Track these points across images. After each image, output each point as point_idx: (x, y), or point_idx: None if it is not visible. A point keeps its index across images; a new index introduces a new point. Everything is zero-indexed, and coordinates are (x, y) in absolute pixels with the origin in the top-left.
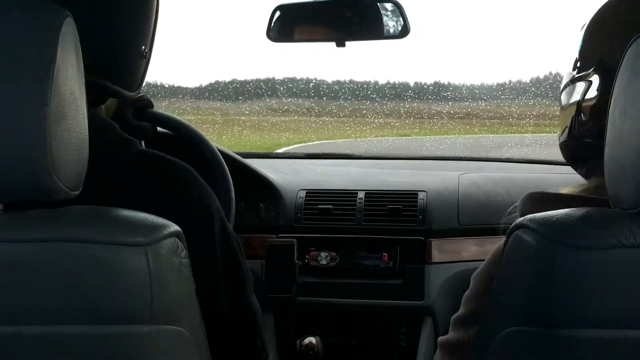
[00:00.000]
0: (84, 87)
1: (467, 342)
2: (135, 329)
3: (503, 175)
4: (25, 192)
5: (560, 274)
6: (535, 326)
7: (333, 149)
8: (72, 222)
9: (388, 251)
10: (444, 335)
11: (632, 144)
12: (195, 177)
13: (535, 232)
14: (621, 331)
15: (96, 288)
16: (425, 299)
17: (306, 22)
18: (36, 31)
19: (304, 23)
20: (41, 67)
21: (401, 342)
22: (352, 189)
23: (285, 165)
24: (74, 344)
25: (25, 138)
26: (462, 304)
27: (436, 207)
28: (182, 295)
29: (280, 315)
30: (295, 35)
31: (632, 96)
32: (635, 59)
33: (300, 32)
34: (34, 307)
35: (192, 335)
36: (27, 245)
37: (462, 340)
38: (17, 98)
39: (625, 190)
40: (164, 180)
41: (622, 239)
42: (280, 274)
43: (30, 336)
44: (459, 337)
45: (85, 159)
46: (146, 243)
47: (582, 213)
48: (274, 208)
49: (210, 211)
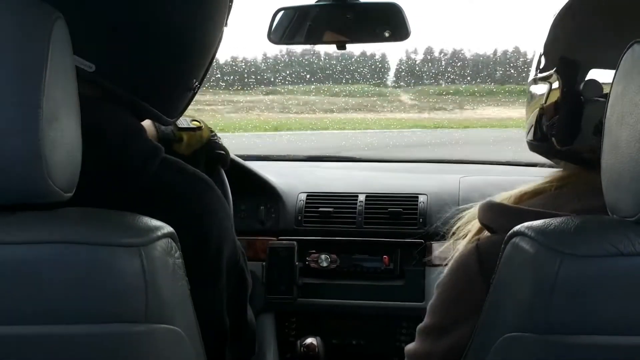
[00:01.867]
0: (76, 89)
1: (438, 355)
2: (130, 328)
3: (503, 179)
4: (19, 194)
5: (559, 282)
6: (533, 332)
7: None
8: (66, 223)
9: (388, 253)
10: (411, 344)
11: (630, 152)
12: (212, 188)
13: (533, 240)
14: (620, 338)
15: (90, 289)
16: (425, 301)
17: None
18: (27, 33)
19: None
20: (33, 69)
21: (401, 344)
22: (353, 192)
23: (285, 168)
24: (68, 343)
25: (18, 140)
26: (428, 314)
27: (436, 210)
28: (176, 295)
29: (281, 317)
30: (296, 38)
31: (629, 103)
32: (632, 66)
33: (301, 34)
34: (28, 308)
35: (186, 334)
36: (21, 247)
37: (431, 353)
38: (9, 100)
39: (623, 198)
40: (183, 191)
41: (620, 247)
42: (281, 275)
43: (25, 336)
44: (427, 349)
45: (79, 160)
46: (140, 244)
47: (580, 221)
48: (275, 211)
49: (225, 225)
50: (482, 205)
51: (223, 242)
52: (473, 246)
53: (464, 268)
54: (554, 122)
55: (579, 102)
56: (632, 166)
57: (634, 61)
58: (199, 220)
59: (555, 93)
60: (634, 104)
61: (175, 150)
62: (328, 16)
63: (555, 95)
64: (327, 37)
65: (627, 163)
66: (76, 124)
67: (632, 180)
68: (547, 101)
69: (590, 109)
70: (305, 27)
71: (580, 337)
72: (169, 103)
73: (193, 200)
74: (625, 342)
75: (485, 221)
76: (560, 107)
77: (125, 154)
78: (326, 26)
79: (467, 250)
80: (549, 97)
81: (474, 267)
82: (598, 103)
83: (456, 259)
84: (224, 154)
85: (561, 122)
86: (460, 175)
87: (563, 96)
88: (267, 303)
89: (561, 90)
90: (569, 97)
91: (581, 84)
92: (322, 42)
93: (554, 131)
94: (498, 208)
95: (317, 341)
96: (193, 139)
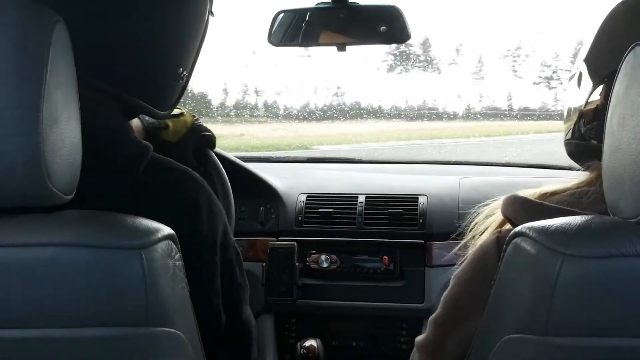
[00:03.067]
0: (76, 92)
1: (448, 346)
2: (131, 332)
3: (504, 180)
4: (19, 197)
5: (560, 283)
6: (534, 334)
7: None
8: (66, 226)
9: (388, 254)
10: (421, 335)
11: (631, 154)
12: (203, 186)
13: (534, 240)
14: (621, 339)
15: (91, 291)
16: (425, 302)
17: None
18: (28, 36)
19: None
20: (33, 72)
21: (401, 345)
22: (353, 193)
23: (285, 169)
24: (69, 346)
25: (19, 143)
26: (441, 305)
27: (436, 211)
28: (176, 297)
29: (281, 318)
30: (296, 40)
31: (631, 105)
32: (633, 67)
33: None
34: (28, 311)
35: (187, 337)
36: (21, 250)
37: (442, 344)
38: (10, 103)
39: (624, 199)
40: (173, 190)
41: (621, 248)
42: (281, 276)
43: (25, 339)
44: (438, 339)
45: (79, 163)
46: (140, 246)
47: (581, 222)
48: (275, 211)
49: (215, 224)
50: (507, 199)
51: (216, 239)
52: (494, 238)
53: (484, 260)
54: (593, 126)
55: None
56: (633, 168)
57: (636, 63)
58: (189, 218)
59: (595, 100)
60: (635, 106)
61: (163, 137)
62: (328, 18)
63: (595, 95)
64: (327, 39)
65: (628, 164)
66: (76, 127)
67: (633, 181)
68: (587, 106)
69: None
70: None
71: (581, 339)
72: (157, 95)
73: (183, 198)
74: (626, 343)
75: (508, 214)
76: (601, 114)
77: (113, 154)
78: (326, 28)
79: (488, 242)
80: (588, 103)
81: (493, 259)
82: None
83: (476, 251)
84: (210, 135)
85: (600, 126)
86: (460, 177)
87: (603, 104)
88: (267, 304)
89: (603, 97)
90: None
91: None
92: (322, 44)
93: (592, 134)
94: (521, 202)
95: (317, 343)
96: (178, 124)
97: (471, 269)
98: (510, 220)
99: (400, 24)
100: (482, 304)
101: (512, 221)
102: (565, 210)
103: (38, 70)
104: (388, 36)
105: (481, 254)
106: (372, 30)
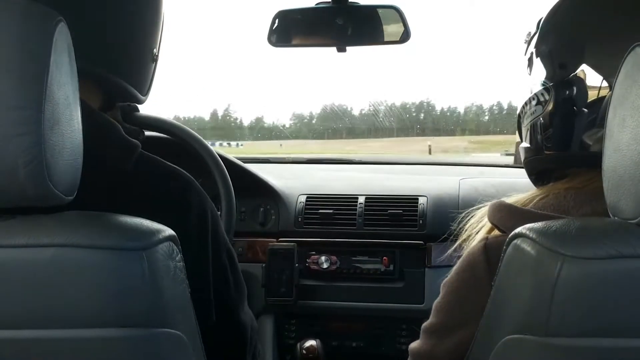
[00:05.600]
0: (77, 92)
1: (441, 354)
2: (132, 332)
3: (503, 181)
4: (20, 198)
5: (560, 284)
6: (534, 334)
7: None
8: (68, 227)
9: (388, 255)
10: (415, 342)
11: (631, 155)
12: (192, 185)
13: (534, 242)
14: (621, 340)
15: (92, 292)
16: (425, 303)
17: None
18: (29, 37)
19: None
20: (35, 73)
21: (401, 346)
22: (353, 194)
23: (285, 170)
24: (70, 348)
25: (20, 144)
26: (432, 313)
27: (436, 212)
28: (177, 298)
29: (281, 319)
30: (296, 40)
31: (631, 106)
32: (633, 69)
33: (301, 37)
34: (29, 312)
35: (188, 338)
36: (22, 251)
37: (435, 352)
38: (11, 104)
39: (624, 200)
40: (162, 188)
41: (621, 249)
42: (281, 277)
43: (26, 340)
44: (431, 348)
45: (80, 164)
46: (141, 247)
47: (581, 223)
48: (275, 212)
49: (206, 224)
50: (492, 205)
51: (207, 238)
52: (481, 245)
53: (472, 267)
54: (549, 134)
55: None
56: (633, 169)
57: (636, 64)
58: (178, 217)
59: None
60: (635, 107)
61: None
62: (328, 19)
63: (549, 104)
64: (327, 40)
65: (628, 165)
66: (77, 127)
67: (633, 182)
68: (542, 112)
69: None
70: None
71: (581, 340)
72: (138, 74)
73: (171, 197)
74: (626, 344)
75: (494, 221)
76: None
77: (102, 151)
78: (326, 29)
79: (476, 249)
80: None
81: (482, 266)
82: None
83: (464, 258)
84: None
85: (558, 133)
86: (459, 177)
87: (555, 102)
88: (267, 305)
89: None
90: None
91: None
92: (321, 44)
93: (549, 143)
94: (507, 208)
95: (317, 343)
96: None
97: (461, 277)
98: (497, 226)
99: (401, 25)
100: (472, 311)
101: (499, 227)
102: (552, 216)
103: (39, 70)
104: (388, 37)
105: (469, 262)
106: (373, 31)
